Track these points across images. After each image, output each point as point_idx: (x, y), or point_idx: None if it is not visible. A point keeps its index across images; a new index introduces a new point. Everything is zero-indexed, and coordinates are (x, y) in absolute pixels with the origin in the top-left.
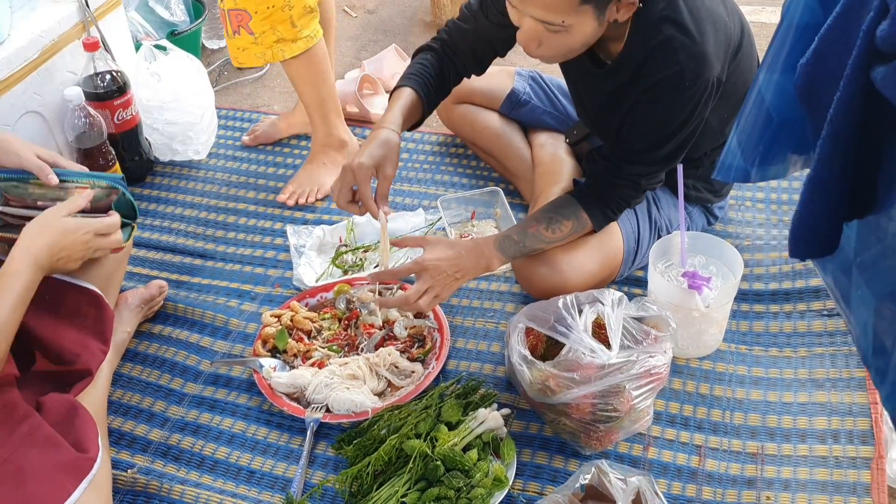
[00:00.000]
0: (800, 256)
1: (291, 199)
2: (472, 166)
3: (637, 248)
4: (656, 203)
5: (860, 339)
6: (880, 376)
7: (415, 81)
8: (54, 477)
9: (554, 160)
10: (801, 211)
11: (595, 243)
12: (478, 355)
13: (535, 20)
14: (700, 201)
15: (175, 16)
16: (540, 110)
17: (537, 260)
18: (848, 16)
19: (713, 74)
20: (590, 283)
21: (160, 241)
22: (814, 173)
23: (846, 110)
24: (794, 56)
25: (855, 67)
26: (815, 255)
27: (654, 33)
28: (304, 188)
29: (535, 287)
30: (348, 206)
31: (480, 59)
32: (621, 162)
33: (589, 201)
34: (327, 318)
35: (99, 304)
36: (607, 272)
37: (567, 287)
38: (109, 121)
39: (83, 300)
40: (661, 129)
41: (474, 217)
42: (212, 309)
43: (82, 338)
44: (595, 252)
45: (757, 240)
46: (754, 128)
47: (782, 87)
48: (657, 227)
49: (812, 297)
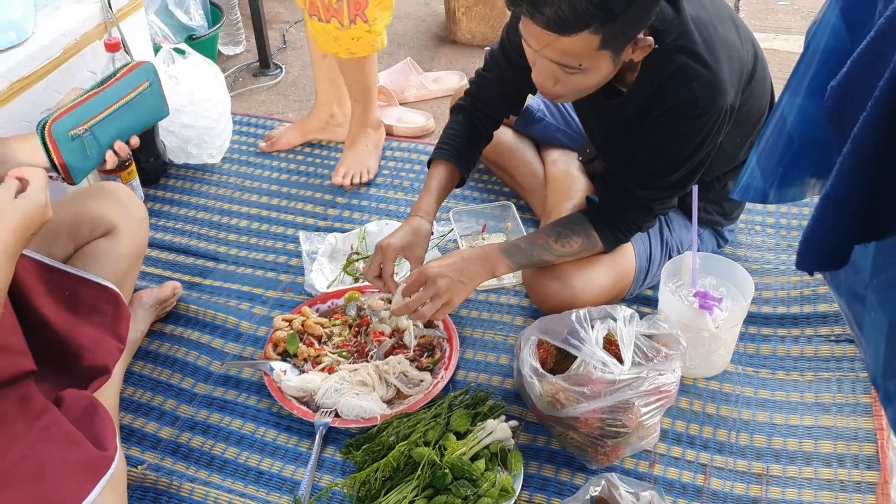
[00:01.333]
0: (806, 269)
1: (346, 179)
2: (485, 180)
3: (648, 268)
4: (668, 224)
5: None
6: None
7: (447, 153)
8: (73, 475)
9: (566, 177)
10: (813, 225)
11: (608, 260)
12: (486, 367)
13: (550, 61)
14: (711, 224)
15: (194, 20)
16: (553, 127)
17: (549, 275)
18: (882, 41)
19: (727, 102)
20: (600, 299)
21: (173, 242)
22: (831, 189)
23: (871, 130)
24: (818, 80)
25: (885, 89)
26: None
27: (668, 62)
28: (355, 169)
29: (545, 301)
30: (374, 280)
31: (512, 103)
32: (633, 186)
33: (601, 222)
34: (338, 324)
35: (117, 302)
36: (618, 290)
37: (578, 303)
38: None
39: (101, 297)
40: (674, 155)
41: (485, 230)
42: (223, 311)
43: (99, 334)
44: (607, 269)
45: (766, 264)
46: (774, 149)
47: (805, 110)
48: (668, 247)
49: (820, 323)
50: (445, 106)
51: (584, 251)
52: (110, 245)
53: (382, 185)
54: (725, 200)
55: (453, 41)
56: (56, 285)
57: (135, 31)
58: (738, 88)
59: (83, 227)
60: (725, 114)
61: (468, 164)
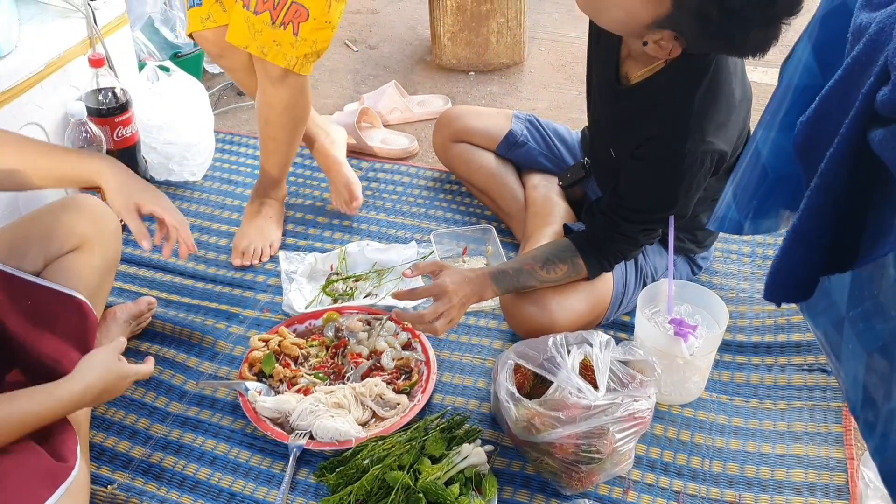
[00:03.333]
0: (775, 300)
1: (247, 261)
2: (466, 203)
3: (624, 294)
4: (643, 251)
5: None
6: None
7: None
8: (28, 482)
9: (546, 202)
10: (780, 257)
11: (585, 286)
12: (463, 390)
13: None
14: (684, 251)
15: (180, 38)
16: (536, 152)
17: (527, 299)
18: (850, 80)
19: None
20: (577, 324)
21: (151, 258)
22: (798, 223)
23: (837, 166)
24: (791, 115)
25: (851, 127)
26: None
27: (685, 92)
28: (257, 245)
29: (522, 326)
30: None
31: None
32: (619, 219)
33: (587, 251)
34: (315, 345)
35: (82, 312)
36: (594, 315)
37: (555, 327)
38: (109, 137)
39: (66, 307)
40: (657, 194)
41: (466, 253)
42: (200, 329)
43: (63, 345)
44: (584, 294)
45: (741, 292)
46: (749, 182)
47: (779, 144)
48: (643, 273)
49: (793, 352)
50: (429, 129)
51: (567, 278)
52: (81, 258)
53: (364, 206)
54: (698, 229)
55: (438, 65)
56: (18, 294)
57: (120, 47)
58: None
59: (55, 240)
60: (711, 163)
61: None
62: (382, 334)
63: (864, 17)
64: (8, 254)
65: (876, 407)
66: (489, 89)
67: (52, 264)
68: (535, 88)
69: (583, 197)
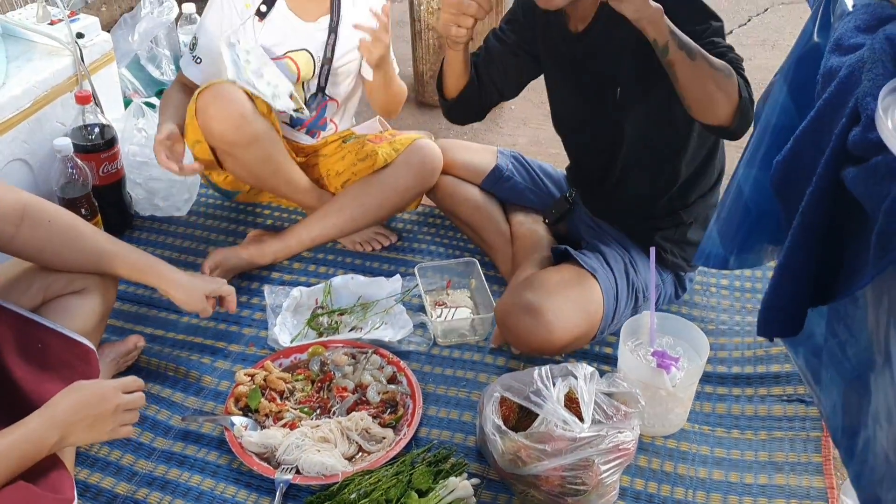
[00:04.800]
0: (767, 335)
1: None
2: (450, 236)
3: (616, 307)
4: (633, 266)
5: (830, 419)
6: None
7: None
8: None
9: (533, 234)
10: (770, 294)
11: (577, 295)
12: (449, 424)
13: None
14: (674, 267)
15: (165, 75)
16: (522, 186)
17: (522, 310)
18: (822, 120)
19: None
20: (573, 333)
21: (136, 294)
22: (784, 259)
23: (816, 204)
24: (771, 154)
25: (826, 166)
26: (781, 335)
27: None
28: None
29: (520, 337)
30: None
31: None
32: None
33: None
34: (300, 379)
35: (88, 359)
36: (589, 325)
37: (552, 337)
38: (95, 173)
39: (73, 352)
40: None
41: (450, 286)
42: (185, 364)
43: None
44: (577, 303)
45: (721, 324)
46: (733, 218)
47: (760, 182)
48: (634, 288)
49: (772, 383)
50: None
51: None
52: (81, 302)
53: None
54: (687, 244)
55: (421, 102)
56: (28, 337)
57: (106, 84)
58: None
59: (58, 280)
60: None
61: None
62: (368, 368)
63: (834, 60)
64: (9, 287)
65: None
66: (471, 125)
67: (51, 302)
68: (515, 124)
69: (567, 233)
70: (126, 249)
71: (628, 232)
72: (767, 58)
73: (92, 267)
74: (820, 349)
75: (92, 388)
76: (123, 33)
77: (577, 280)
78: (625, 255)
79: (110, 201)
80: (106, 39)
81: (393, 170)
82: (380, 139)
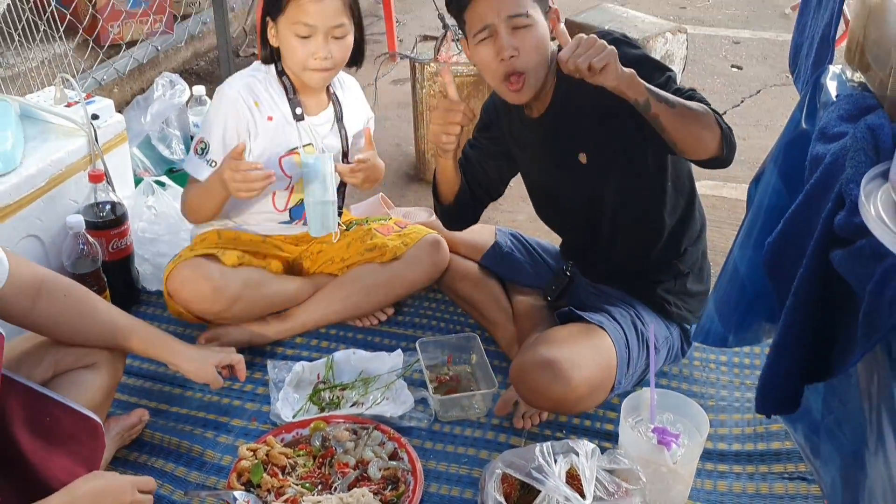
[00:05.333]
0: (766, 413)
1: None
2: (450, 311)
3: (629, 356)
4: (640, 318)
5: (830, 495)
6: None
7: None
8: None
9: (535, 309)
10: (766, 372)
11: (588, 346)
12: (450, 500)
13: (507, 24)
14: (680, 319)
15: (175, 154)
16: (521, 262)
17: (539, 366)
18: (810, 203)
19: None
20: (591, 383)
21: (141, 368)
22: (779, 338)
23: (808, 284)
24: (763, 234)
25: (816, 248)
26: (779, 412)
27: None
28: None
29: (538, 392)
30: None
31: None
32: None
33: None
34: (302, 454)
35: (96, 434)
36: (604, 375)
37: (570, 387)
38: (105, 248)
39: (82, 428)
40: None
41: (451, 361)
42: (188, 439)
43: (73, 466)
44: (590, 353)
45: (721, 400)
46: (730, 297)
47: (755, 261)
48: (644, 337)
49: (773, 460)
50: None
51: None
52: (90, 376)
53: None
54: (688, 294)
55: (422, 180)
56: (38, 411)
57: (118, 163)
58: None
59: (69, 355)
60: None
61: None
62: (369, 444)
63: (820, 147)
64: (21, 361)
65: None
66: None
67: (60, 376)
68: (514, 201)
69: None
70: (138, 324)
71: (630, 290)
72: (761, 137)
73: (105, 341)
74: (818, 425)
75: (111, 480)
76: (136, 114)
77: (586, 333)
78: (630, 310)
79: (119, 276)
80: (119, 120)
81: (403, 263)
82: (388, 230)
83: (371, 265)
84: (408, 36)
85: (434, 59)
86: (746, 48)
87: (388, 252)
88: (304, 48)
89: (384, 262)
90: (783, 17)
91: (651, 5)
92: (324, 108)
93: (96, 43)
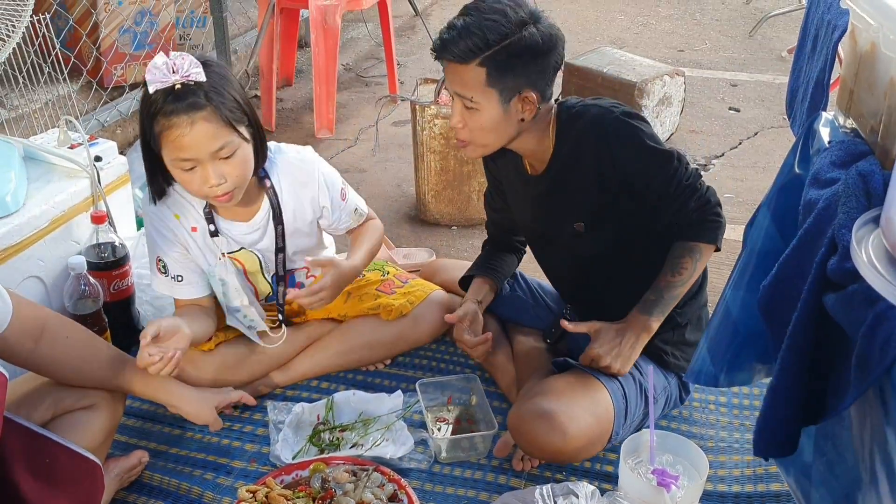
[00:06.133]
0: (763, 456)
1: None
2: (451, 352)
3: (626, 406)
4: (638, 368)
5: None
6: None
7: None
8: None
9: (535, 351)
10: (763, 415)
11: (585, 398)
12: None
13: (458, 99)
14: (677, 369)
15: None
16: (521, 302)
17: (535, 416)
18: (803, 248)
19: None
20: (587, 435)
21: (141, 409)
22: (775, 381)
23: (803, 327)
24: (757, 277)
25: (810, 292)
26: (777, 455)
27: (575, 120)
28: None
29: (535, 443)
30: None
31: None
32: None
33: (692, 231)
34: (302, 496)
35: (95, 476)
36: (601, 427)
37: (566, 439)
38: (106, 289)
39: (82, 469)
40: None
41: (451, 402)
42: (188, 480)
43: None
44: (587, 405)
45: (720, 441)
46: (722, 337)
47: (747, 303)
48: (642, 386)
49: (773, 502)
50: None
51: (699, 263)
52: (90, 417)
53: None
54: (686, 344)
55: (422, 220)
56: (37, 452)
57: (120, 204)
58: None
59: (69, 396)
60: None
61: (499, 276)
62: (369, 486)
63: (812, 193)
64: (21, 402)
65: None
66: (471, 242)
67: (60, 417)
68: None
69: (568, 352)
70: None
71: None
72: (758, 179)
73: (107, 383)
74: (809, 468)
75: None
76: (138, 156)
77: (583, 384)
78: None
79: (119, 317)
80: (122, 162)
81: (409, 322)
82: (390, 287)
83: (376, 320)
84: (409, 78)
85: (434, 102)
86: (744, 90)
87: (393, 311)
88: (194, 179)
89: (390, 320)
90: (780, 60)
91: (649, 48)
92: (256, 210)
93: (100, 85)
